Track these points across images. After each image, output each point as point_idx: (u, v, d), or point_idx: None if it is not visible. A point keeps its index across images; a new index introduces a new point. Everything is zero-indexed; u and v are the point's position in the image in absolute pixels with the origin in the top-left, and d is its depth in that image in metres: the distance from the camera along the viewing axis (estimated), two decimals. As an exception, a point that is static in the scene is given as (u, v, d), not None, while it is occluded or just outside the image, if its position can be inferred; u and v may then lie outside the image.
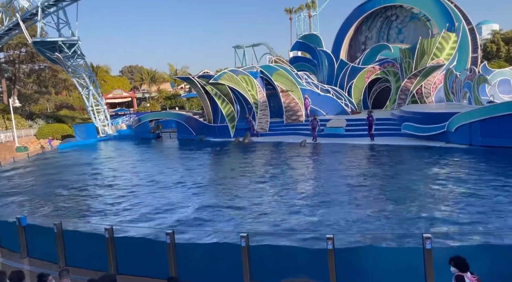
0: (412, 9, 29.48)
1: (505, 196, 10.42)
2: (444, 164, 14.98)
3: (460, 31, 25.33)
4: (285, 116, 27.07)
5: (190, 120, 31.43)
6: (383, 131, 22.08)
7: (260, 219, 10.30)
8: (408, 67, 25.48)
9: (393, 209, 10.27)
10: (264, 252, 6.92)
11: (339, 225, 9.35)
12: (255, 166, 17.97)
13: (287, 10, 64.69)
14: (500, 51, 40.41)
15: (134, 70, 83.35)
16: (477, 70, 20.76)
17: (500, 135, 16.64)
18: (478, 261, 5.89)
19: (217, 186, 14.56)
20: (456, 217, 9.28)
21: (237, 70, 28.68)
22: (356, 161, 17.42)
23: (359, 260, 6.45)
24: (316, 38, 30.98)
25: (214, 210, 11.32)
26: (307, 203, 11.37)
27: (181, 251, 7.20)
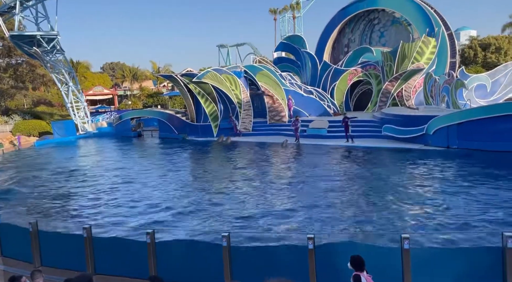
0: (394, 14, 30.03)
1: (478, 199, 10.72)
2: (421, 166, 15.33)
3: (440, 36, 25.96)
4: (268, 116, 27.13)
5: (173, 118, 31.13)
6: (364, 133, 22.42)
7: (241, 218, 10.28)
8: (390, 70, 25.94)
9: (371, 209, 10.44)
10: (244, 251, 6.90)
11: (319, 225, 9.44)
12: (237, 165, 17.95)
13: (271, 11, 64.87)
14: (477, 57, 41.58)
15: (116, 67, 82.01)
16: (455, 75, 21.33)
17: (475, 138, 17.13)
18: (454, 263, 6.06)
19: (198, 185, 14.47)
20: (431, 219, 9.49)
21: (221, 69, 28.58)
22: (336, 162, 17.65)
23: (339, 259, 6.51)
24: (300, 39, 31.18)
25: (194, 210, 11.24)
26: (288, 203, 11.43)
27: (161, 250, 7.11)
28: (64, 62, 35.19)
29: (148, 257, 7.02)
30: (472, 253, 6.31)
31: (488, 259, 5.97)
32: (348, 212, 10.31)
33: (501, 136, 16.49)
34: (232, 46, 65.82)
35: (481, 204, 10.22)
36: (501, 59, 38.96)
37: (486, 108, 18.05)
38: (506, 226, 8.60)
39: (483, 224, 8.89)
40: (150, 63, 70.59)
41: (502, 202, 10.27)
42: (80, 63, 63.87)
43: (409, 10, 28.03)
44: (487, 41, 42.32)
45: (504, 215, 9.34)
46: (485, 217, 9.31)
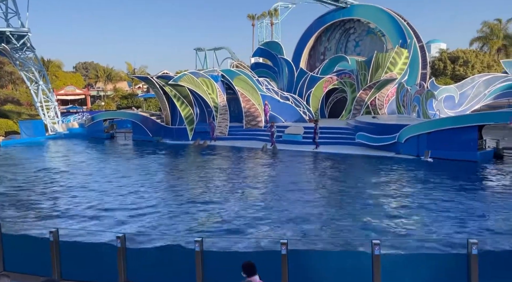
0: (369, 24, 30.84)
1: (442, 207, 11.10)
2: (390, 174, 15.79)
3: (412, 48, 26.85)
4: (244, 121, 27.16)
5: (147, 121, 30.64)
6: (339, 139, 22.81)
7: (214, 223, 10.22)
8: (364, 79, 26.56)
9: (342, 216, 10.60)
10: (217, 256, 6.85)
11: (292, 231, 9.50)
12: (211, 170, 17.85)
13: (249, 16, 65.19)
14: (447, 69, 43.24)
15: (89, 66, 79.97)
16: (425, 86, 22.07)
17: (444, 147, 17.75)
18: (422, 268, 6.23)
19: (170, 189, 14.28)
20: (399, 225, 9.75)
21: (198, 73, 28.44)
22: (308, 168, 17.91)
23: (311, 264, 6.57)
24: (278, 46, 31.48)
25: (167, 213, 11.08)
26: (261, 208, 11.45)
27: (131, 255, 6.94)
28: (34, 60, 34.03)
29: (118, 262, 6.84)
30: (439, 259, 6.51)
31: (454, 265, 6.18)
32: (320, 218, 10.43)
33: (466, 146, 17.17)
34: (210, 49, 65.61)
35: (445, 212, 10.58)
36: (468, 72, 40.69)
37: (454, 119, 18.78)
38: (470, 233, 8.94)
39: (449, 231, 9.21)
40: (125, 64, 69.12)
41: (464, 210, 10.67)
42: (51, 62, 61.93)
43: (383, 21, 28.87)
44: (456, 54, 44.12)
45: (467, 222, 9.70)
46: (450, 224, 9.65)
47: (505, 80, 24.89)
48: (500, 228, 9.23)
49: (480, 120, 17.75)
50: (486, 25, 46.38)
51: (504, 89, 25.07)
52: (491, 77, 25.77)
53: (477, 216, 10.16)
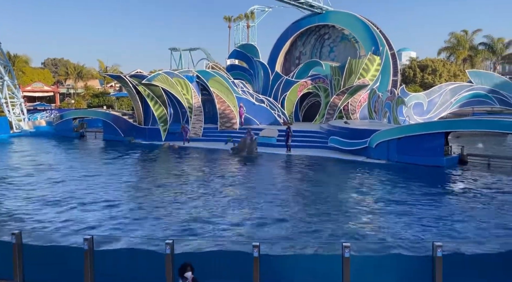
0: (343, 30, 31.48)
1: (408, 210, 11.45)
2: (359, 177, 16.21)
3: (384, 55, 27.62)
4: (219, 122, 27.05)
5: (119, 120, 29.96)
6: (312, 143, 23.12)
7: (183, 225, 10.10)
8: (337, 84, 27.06)
9: (313, 219, 10.74)
10: (188, 259, 6.77)
11: (263, 233, 9.53)
12: (183, 171, 17.66)
13: (226, 18, 65.14)
14: (416, 77, 44.75)
15: (59, 63, 77.38)
16: (396, 92, 22.75)
17: (412, 153, 18.33)
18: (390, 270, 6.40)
19: (139, 191, 14.03)
20: (367, 228, 9.98)
21: (172, 73, 28.11)
22: (281, 170, 18.08)
23: (282, 266, 6.61)
24: (253, 48, 31.60)
25: (136, 217, 10.87)
26: (233, 210, 11.43)
27: (99, 258, 6.75)
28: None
29: (85, 265, 6.63)
30: (406, 260, 6.72)
31: (420, 266, 6.38)
32: (291, 221, 10.52)
33: (433, 152, 17.81)
34: (185, 50, 65.01)
35: (411, 214, 10.91)
36: (436, 80, 42.27)
37: (422, 125, 19.45)
38: (436, 235, 9.26)
39: (415, 234, 9.51)
40: (97, 61, 67.33)
41: (430, 213, 11.05)
42: (18, 57, 59.49)
43: (357, 28, 29.55)
44: (425, 63, 45.74)
45: (433, 225, 10.05)
46: (416, 227, 9.96)
47: (470, 89, 26.03)
48: (464, 231, 9.61)
49: (447, 127, 18.47)
50: (454, 36, 48.40)
51: (469, 97, 26.21)
52: (457, 86, 26.89)
53: (442, 219, 10.53)
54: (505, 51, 48.00)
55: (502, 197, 12.82)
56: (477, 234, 9.41)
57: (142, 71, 30.15)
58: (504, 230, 9.61)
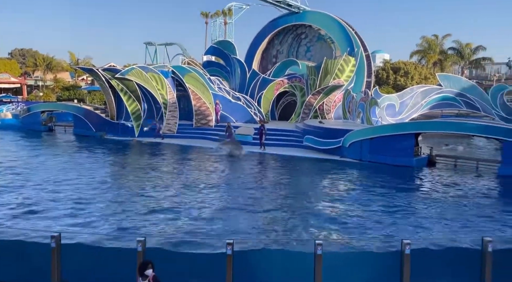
0: (319, 31, 31.82)
1: (378, 207, 11.76)
2: (333, 176, 16.51)
3: (359, 56, 28.13)
4: (194, 119, 26.79)
5: (90, 114, 29.16)
6: (287, 142, 23.28)
7: (155, 223, 9.96)
8: (313, 84, 27.35)
9: (286, 216, 10.84)
10: (160, 256, 6.68)
11: (235, 231, 9.53)
12: (154, 168, 17.42)
13: (203, 14, 64.42)
14: (389, 79, 45.85)
15: (27, 54, 74.40)
16: (370, 93, 23.25)
17: (384, 153, 18.79)
18: (360, 267, 6.54)
19: (110, 187, 13.74)
20: (339, 224, 10.17)
21: (147, 67, 27.60)
22: (255, 168, 18.17)
23: (255, 264, 6.63)
24: (231, 45, 31.45)
25: (106, 213, 10.62)
26: (205, 208, 11.37)
27: (67, 255, 6.55)
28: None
29: (52, 262, 6.42)
30: (376, 257, 6.89)
31: (389, 263, 6.56)
32: (263, 219, 10.57)
33: (404, 152, 18.33)
34: (161, 44, 63.87)
35: (381, 212, 11.21)
36: (408, 82, 43.46)
37: (394, 126, 19.97)
38: (404, 232, 9.55)
39: (385, 231, 9.77)
40: (68, 53, 64.97)
41: (399, 211, 11.39)
42: (-17, 46, 56.75)
43: (333, 29, 29.93)
44: (397, 65, 46.93)
45: (401, 223, 10.36)
46: (386, 224, 10.24)
47: (439, 92, 26.95)
48: (429, 228, 9.95)
49: (417, 128, 19.06)
50: (425, 40, 49.89)
51: (438, 100, 27.14)
52: (427, 89, 27.77)
53: (410, 217, 10.87)
54: (472, 56, 49.95)
55: (465, 195, 13.36)
56: (441, 231, 9.77)
57: (116, 65, 29.44)
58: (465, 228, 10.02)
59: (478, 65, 52.07)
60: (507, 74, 54.19)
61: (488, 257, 6.30)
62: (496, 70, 57.72)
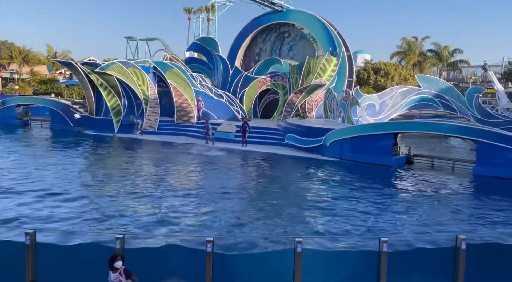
0: (302, 30, 31.99)
1: (357, 206, 11.96)
2: (312, 174, 16.71)
3: (341, 56, 28.43)
4: (176, 116, 26.53)
5: (68, 109, 28.47)
6: (269, 140, 23.35)
7: (133, 221, 9.84)
8: (295, 83, 27.50)
9: (264, 213, 10.89)
10: (138, 254, 6.62)
11: (214, 229, 9.52)
12: (136, 164, 17.18)
13: (186, 10, 63.72)
14: (370, 79, 46.55)
15: (2, 46, 71.75)
16: (351, 93, 23.55)
17: (364, 152, 19.08)
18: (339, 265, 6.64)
19: (87, 184, 13.50)
20: (318, 224, 10.29)
21: (128, 62, 27.14)
22: (237, 166, 18.16)
23: (234, 262, 6.64)
24: (213, 42, 31.26)
25: (82, 210, 10.42)
26: (183, 205, 11.31)
27: (41, 253, 6.39)
28: None
29: (26, 260, 6.25)
30: (354, 256, 7.00)
31: (367, 261, 6.68)
32: (243, 216, 10.58)
33: (383, 152, 18.67)
34: (142, 39, 62.90)
35: (359, 211, 11.39)
36: (388, 83, 44.24)
37: (374, 126, 20.29)
38: (381, 230, 9.74)
39: (364, 229, 9.94)
40: (45, 46, 63.17)
41: (377, 209, 11.61)
42: (-46, 36, 54.50)
43: (316, 28, 30.14)
44: (378, 66, 47.68)
45: (380, 221, 10.56)
46: (363, 222, 10.42)
47: (418, 93, 27.57)
48: (407, 227, 10.18)
49: (396, 128, 19.44)
50: (405, 41, 50.85)
51: (417, 101, 27.77)
52: (406, 89, 28.36)
53: (387, 215, 11.09)
54: (450, 58, 51.26)
55: (440, 194, 13.74)
56: (416, 229, 10.00)
57: (95, 59, 28.71)
58: (439, 226, 10.30)
59: (455, 68, 53.50)
60: (482, 77, 55.86)
61: (462, 254, 6.49)
62: (472, 72, 59.47)
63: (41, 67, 64.86)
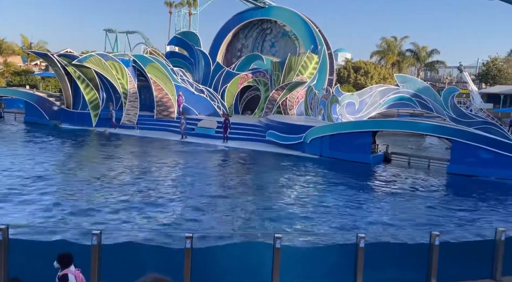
0: (284, 27, 32.05)
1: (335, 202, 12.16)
2: (292, 171, 16.86)
3: (322, 54, 28.65)
4: (156, 110, 26.18)
5: (44, 102, 27.66)
6: (250, 136, 23.36)
7: (108, 217, 9.71)
8: (277, 80, 27.56)
9: (244, 209, 10.93)
10: (114, 250, 6.53)
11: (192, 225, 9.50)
12: (113, 160, 16.93)
13: (167, 3, 62.79)
14: (350, 77, 47.19)
15: (-26, 34, 68.97)
16: (331, 91, 23.80)
17: (343, 149, 19.35)
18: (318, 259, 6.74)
19: (64, 180, 13.20)
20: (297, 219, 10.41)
21: (107, 55, 26.55)
22: (216, 162, 18.21)
23: (213, 257, 6.64)
24: (195, 37, 30.93)
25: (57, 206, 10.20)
26: (162, 201, 11.23)
27: (15, 250, 6.22)
28: None
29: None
30: (332, 250, 7.12)
31: (344, 255, 6.81)
32: (222, 211, 10.59)
33: (362, 149, 18.99)
34: (122, 32, 61.54)
35: (336, 206, 11.60)
36: (368, 82, 44.97)
37: (353, 124, 20.58)
38: (358, 228, 9.93)
39: (341, 224, 10.11)
40: (20, 37, 61.08)
41: (354, 206, 11.83)
42: None
43: (298, 25, 30.25)
44: (358, 65, 48.36)
45: (356, 216, 10.77)
46: (341, 218, 10.60)
47: (396, 92, 28.08)
48: (383, 222, 10.42)
49: (375, 126, 19.79)
50: (384, 41, 51.76)
51: (395, 100, 28.28)
52: (385, 88, 28.85)
53: (363, 211, 11.32)
54: (427, 59, 52.51)
55: (415, 191, 14.11)
56: (391, 225, 10.26)
57: (73, 51, 27.99)
58: (413, 222, 10.59)
59: (432, 68, 54.84)
60: (458, 78, 57.51)
61: (435, 250, 6.70)
62: (448, 73, 61.12)
63: (16, 58, 62.62)
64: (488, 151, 16.48)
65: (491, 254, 6.99)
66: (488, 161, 16.44)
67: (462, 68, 47.31)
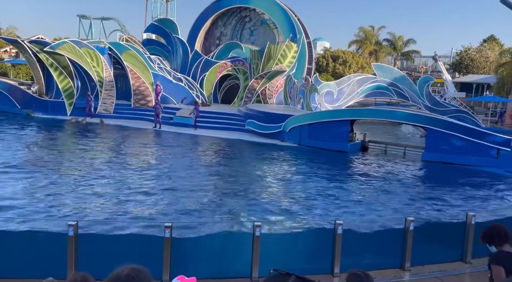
0: (263, 15, 31.81)
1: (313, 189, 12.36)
2: (272, 159, 16.99)
3: (301, 43, 28.66)
4: (133, 99, 25.67)
5: (15, 90, 26.67)
6: (230, 125, 23.28)
7: (87, 207, 9.55)
8: (256, 68, 27.45)
9: (223, 198, 10.97)
10: (93, 240, 6.45)
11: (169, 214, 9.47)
12: (85, 149, 16.59)
13: (144, -11, 61.10)
14: (328, 66, 47.52)
15: None
16: (310, 80, 23.93)
17: (321, 138, 19.57)
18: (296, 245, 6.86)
19: (38, 169, 12.85)
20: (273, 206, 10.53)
21: (81, 42, 25.75)
22: (194, 151, 18.10)
23: (192, 247, 6.66)
24: (172, 24, 30.34)
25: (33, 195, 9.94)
26: (139, 190, 11.15)
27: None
28: None
29: None
30: (310, 236, 7.26)
31: (323, 242, 6.95)
32: (202, 200, 10.59)
33: (340, 138, 19.26)
34: (96, 18, 59.70)
35: (313, 194, 11.79)
36: (346, 71, 45.42)
37: (331, 113, 20.81)
38: (334, 214, 10.14)
39: (320, 212, 10.30)
40: (-13, 21, 58.38)
41: (332, 193, 12.05)
42: None
43: (277, 14, 30.08)
44: (336, 54, 48.71)
45: (333, 203, 10.98)
46: (321, 206, 10.79)
47: (374, 81, 28.53)
48: (359, 209, 10.67)
49: (352, 115, 20.08)
50: (362, 30, 52.24)
51: (373, 89, 28.75)
52: (363, 77, 29.25)
53: (340, 198, 11.54)
54: (404, 48, 53.40)
55: (390, 178, 14.49)
56: (367, 211, 10.52)
57: (45, 37, 26.94)
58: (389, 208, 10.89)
59: (408, 57, 55.85)
60: (432, 67, 58.83)
61: (410, 235, 6.92)
62: (424, 62, 62.43)
63: (-17, 44, 59.88)
64: (461, 139, 17.01)
65: (461, 237, 7.28)
66: (461, 149, 16.99)
67: (437, 57, 48.37)
